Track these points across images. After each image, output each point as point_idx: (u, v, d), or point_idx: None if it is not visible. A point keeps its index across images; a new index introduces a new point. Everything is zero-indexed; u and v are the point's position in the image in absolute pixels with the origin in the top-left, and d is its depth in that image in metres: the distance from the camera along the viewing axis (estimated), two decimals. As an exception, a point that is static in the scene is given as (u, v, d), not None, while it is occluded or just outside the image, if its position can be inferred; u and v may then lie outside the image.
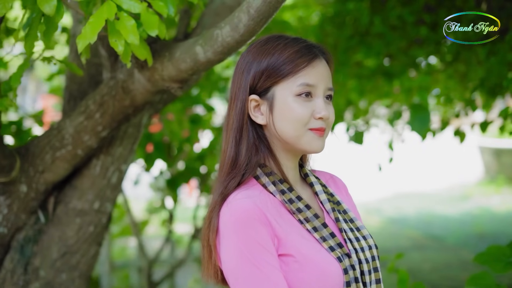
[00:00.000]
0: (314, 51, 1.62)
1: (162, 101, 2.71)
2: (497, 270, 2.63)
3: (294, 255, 1.52)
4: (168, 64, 2.09)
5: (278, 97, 1.59)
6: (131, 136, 2.65)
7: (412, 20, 4.52)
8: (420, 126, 3.12)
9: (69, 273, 2.61)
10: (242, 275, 1.49)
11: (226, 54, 1.96)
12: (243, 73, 1.63)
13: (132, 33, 1.79)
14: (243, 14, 1.84)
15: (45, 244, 2.60)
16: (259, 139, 1.63)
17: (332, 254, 1.55)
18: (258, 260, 1.48)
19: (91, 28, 1.76)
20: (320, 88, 1.60)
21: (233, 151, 1.62)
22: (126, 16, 1.81)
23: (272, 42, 1.62)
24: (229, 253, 1.52)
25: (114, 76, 2.38)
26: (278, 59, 1.58)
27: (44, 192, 2.57)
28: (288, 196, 1.61)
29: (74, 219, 2.61)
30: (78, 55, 2.75)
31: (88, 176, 2.61)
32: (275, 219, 1.54)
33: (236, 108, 1.63)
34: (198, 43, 2.00)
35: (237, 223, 1.51)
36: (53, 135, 2.49)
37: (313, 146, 1.60)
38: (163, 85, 2.15)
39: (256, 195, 1.56)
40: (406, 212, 11.32)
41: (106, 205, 2.67)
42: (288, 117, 1.58)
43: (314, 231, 1.57)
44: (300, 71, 1.58)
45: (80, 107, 2.47)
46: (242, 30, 1.86)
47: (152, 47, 2.10)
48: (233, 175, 1.60)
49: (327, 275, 1.52)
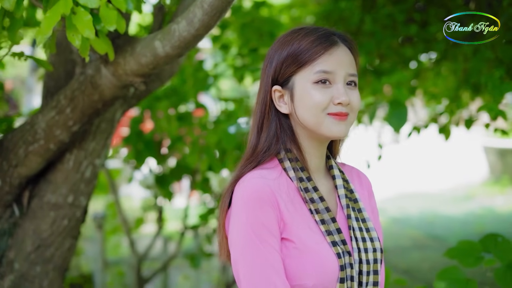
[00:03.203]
0: (333, 38, 1.65)
1: (135, 96, 2.74)
2: (467, 264, 2.65)
3: (295, 242, 1.57)
4: (130, 59, 2.13)
5: (298, 86, 1.64)
6: (104, 131, 2.69)
7: (402, 19, 4.54)
8: (397, 122, 3.12)
9: (43, 266, 2.65)
10: (243, 250, 1.56)
11: (184, 48, 2.00)
12: (267, 66, 1.70)
13: (87, 28, 1.82)
14: (197, 9, 1.88)
15: (20, 237, 2.64)
16: (282, 128, 1.68)
17: (333, 249, 1.58)
18: (260, 239, 1.54)
19: (46, 22, 1.80)
20: (339, 74, 1.63)
21: (255, 139, 1.70)
22: (83, 11, 1.84)
23: (293, 33, 1.67)
24: (236, 228, 1.58)
25: (84, 72, 2.42)
26: (297, 49, 1.63)
27: (18, 186, 2.61)
28: (305, 184, 1.65)
29: (48, 212, 2.65)
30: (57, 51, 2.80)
31: (61, 170, 2.65)
32: (285, 204, 1.60)
33: (260, 99, 1.70)
34: (157, 38, 2.04)
35: (247, 201, 1.57)
36: (26, 130, 2.54)
37: (333, 131, 1.63)
38: (127, 79, 2.19)
39: (273, 177, 1.62)
40: (409, 212, 11.29)
41: (80, 199, 2.70)
42: (307, 104, 1.62)
43: (321, 223, 1.61)
44: (317, 58, 1.61)
45: (52, 102, 2.51)
46: (197, 25, 1.89)
47: (115, 42, 2.14)
48: (250, 161, 1.67)
49: (323, 267, 1.56)
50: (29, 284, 2.62)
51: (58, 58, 2.78)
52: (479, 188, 13.18)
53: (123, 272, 5.70)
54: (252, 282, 1.54)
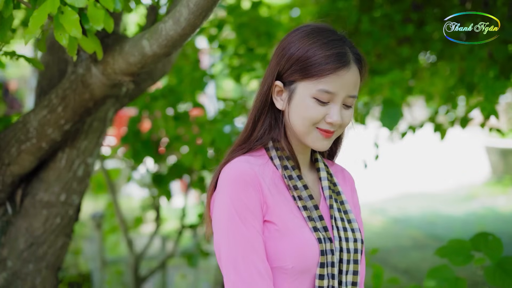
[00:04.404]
0: (346, 59, 1.64)
1: (127, 95, 2.75)
2: (457, 263, 2.65)
3: (277, 224, 1.62)
4: (119, 58, 2.14)
5: (298, 93, 1.66)
6: (97, 130, 2.70)
7: (399, 19, 4.55)
8: (390, 121, 3.13)
9: (36, 263, 2.67)
10: (225, 230, 1.60)
11: (171, 47, 2.01)
12: (276, 58, 1.71)
13: (74, 27, 1.84)
14: (183, 8, 1.89)
15: (13, 235, 2.66)
16: (276, 120, 1.73)
17: (314, 234, 1.63)
18: (243, 220, 1.59)
19: (33, 22, 1.82)
20: (340, 96, 1.65)
21: (250, 128, 1.74)
22: (70, 11, 1.86)
23: (312, 36, 1.67)
24: (219, 208, 1.63)
25: (75, 71, 2.43)
26: (309, 58, 1.63)
27: (11, 184, 2.63)
28: (289, 172, 1.70)
29: (41, 210, 2.67)
30: (50, 50, 2.83)
31: (54, 169, 2.67)
32: (269, 189, 1.64)
33: (262, 90, 1.73)
34: (144, 37, 2.05)
35: (231, 183, 1.62)
36: (19, 129, 2.55)
37: (316, 145, 1.69)
38: (116, 78, 2.20)
39: (258, 163, 1.67)
40: (410, 212, 11.27)
41: (73, 197, 2.72)
42: (300, 114, 1.66)
43: (303, 209, 1.66)
44: (324, 76, 1.62)
45: (43, 101, 2.53)
46: (184, 24, 1.91)
47: (104, 41, 2.15)
48: (242, 147, 1.73)
49: (303, 250, 1.60)
50: (21, 282, 2.64)
51: (51, 58, 2.81)
52: (481, 188, 13.14)
53: (122, 271, 5.72)
54: (233, 261, 1.58)
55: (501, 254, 2.62)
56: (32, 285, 2.66)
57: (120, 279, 5.65)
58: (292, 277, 1.61)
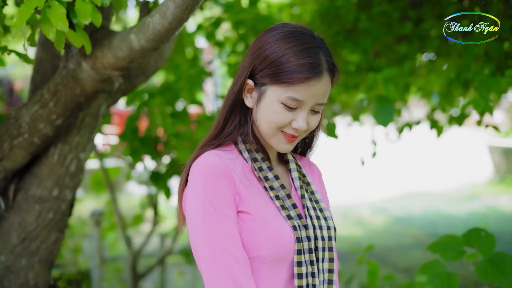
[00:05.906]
0: (319, 69, 1.65)
1: (120, 91, 2.76)
2: (449, 258, 2.66)
3: (252, 214, 1.64)
4: (107, 52, 2.15)
5: (268, 95, 1.67)
6: (89, 125, 2.71)
7: (398, 16, 4.55)
8: (384, 119, 3.13)
9: (29, 258, 2.67)
10: (200, 221, 1.61)
11: (158, 41, 2.02)
12: (251, 57, 1.71)
13: (61, 21, 1.85)
14: (170, 2, 1.90)
15: (6, 230, 2.67)
16: (245, 117, 1.75)
17: (289, 222, 1.65)
18: (217, 210, 1.60)
19: (20, 15, 1.83)
20: (308, 103, 1.66)
21: (222, 124, 1.75)
22: (57, 5, 1.87)
23: (289, 40, 1.66)
24: (193, 200, 1.64)
25: (66, 66, 2.44)
26: (282, 65, 1.64)
27: (4, 179, 2.64)
28: (259, 164, 1.73)
29: (34, 205, 2.68)
30: (44, 46, 2.83)
31: (46, 164, 2.68)
32: (241, 180, 1.66)
33: (235, 88, 1.74)
34: (132, 31, 2.06)
35: (203, 175, 1.63)
36: (11, 124, 2.56)
37: (280, 147, 1.72)
38: (105, 73, 2.21)
39: (229, 157, 1.69)
40: (413, 211, 11.25)
41: (66, 192, 2.73)
42: (267, 116, 1.68)
43: (276, 199, 1.68)
44: (295, 84, 1.63)
45: (35, 96, 2.54)
46: (170, 18, 1.92)
47: (93, 36, 2.16)
48: (212, 143, 1.75)
49: (279, 238, 1.62)
50: (14, 277, 2.65)
51: (45, 54, 2.81)
52: (484, 188, 13.10)
53: (121, 269, 5.74)
54: (211, 251, 1.59)
55: (493, 250, 2.62)
56: (24, 280, 2.67)
57: (119, 276, 5.67)
58: (269, 266, 1.63)
